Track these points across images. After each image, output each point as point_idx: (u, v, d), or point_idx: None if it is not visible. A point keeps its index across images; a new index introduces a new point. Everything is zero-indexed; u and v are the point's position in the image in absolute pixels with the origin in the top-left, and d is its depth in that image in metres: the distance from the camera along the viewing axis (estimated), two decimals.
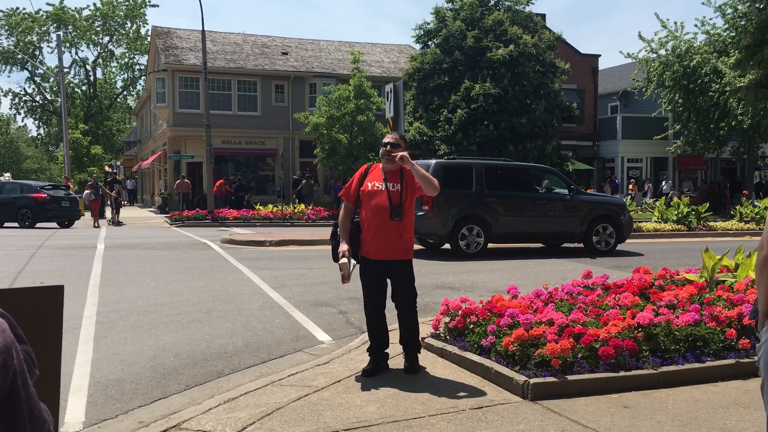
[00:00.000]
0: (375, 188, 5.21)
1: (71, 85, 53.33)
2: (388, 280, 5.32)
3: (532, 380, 4.62)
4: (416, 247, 12.58)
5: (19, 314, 1.33)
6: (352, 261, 5.23)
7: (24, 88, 56.54)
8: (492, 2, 29.97)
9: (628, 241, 18.02)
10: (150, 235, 18.95)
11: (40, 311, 1.53)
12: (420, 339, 5.50)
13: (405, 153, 5.12)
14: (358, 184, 5.33)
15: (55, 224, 23.69)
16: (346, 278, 5.15)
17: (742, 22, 24.71)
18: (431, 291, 9.29)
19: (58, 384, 1.54)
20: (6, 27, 50.32)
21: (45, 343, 1.42)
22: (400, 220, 5.13)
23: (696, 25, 29.30)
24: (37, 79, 53.83)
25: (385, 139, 5.29)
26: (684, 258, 12.91)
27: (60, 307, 1.60)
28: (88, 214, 26.37)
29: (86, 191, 24.90)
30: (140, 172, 45.85)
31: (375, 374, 5.21)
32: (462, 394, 4.73)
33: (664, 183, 33.95)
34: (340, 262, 5.15)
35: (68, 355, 6.01)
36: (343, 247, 5.20)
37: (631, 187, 32.31)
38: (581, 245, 14.79)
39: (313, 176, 31.89)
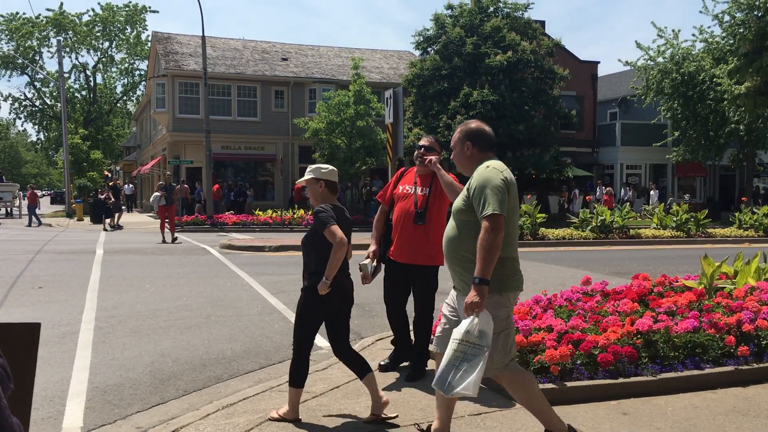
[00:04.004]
0: (405, 191, 5.26)
1: (71, 90, 53.37)
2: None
3: None
4: None
5: None
6: (374, 263, 5.23)
7: (24, 93, 56.70)
8: (491, 9, 30.03)
9: (627, 247, 18.07)
10: (149, 240, 18.93)
11: (15, 348, 1.53)
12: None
13: (435, 157, 5.01)
14: (393, 186, 5.42)
15: (53, 229, 23.61)
16: (365, 279, 5.15)
17: (741, 30, 24.78)
18: None
19: (28, 421, 1.54)
20: (6, 32, 50.38)
21: (17, 382, 1.42)
22: (423, 224, 5.10)
23: (694, 34, 29.42)
24: (37, 84, 53.89)
25: (420, 142, 5.27)
26: (683, 265, 12.92)
27: (35, 345, 1.60)
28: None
29: (155, 193, 19.58)
30: (140, 177, 45.82)
31: (389, 369, 5.35)
32: (460, 400, 4.72)
33: (687, 196, 34.04)
34: (361, 263, 5.16)
35: (67, 360, 6.01)
36: (371, 247, 5.27)
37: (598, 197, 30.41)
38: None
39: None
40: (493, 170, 3.55)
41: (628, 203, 29.13)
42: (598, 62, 38.05)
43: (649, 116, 33.81)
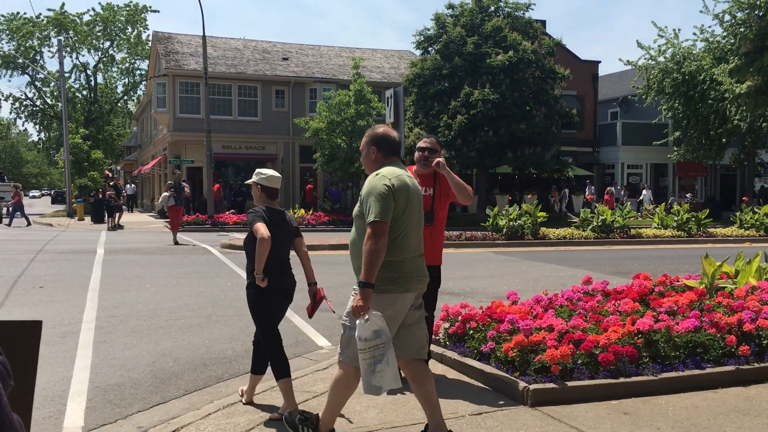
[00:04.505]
0: None
1: (72, 89, 53.37)
2: None
3: (532, 386, 4.62)
4: None
5: None
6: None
7: (25, 93, 56.64)
8: (492, 8, 30.01)
9: (628, 246, 18.08)
10: (149, 240, 18.94)
11: (16, 345, 1.54)
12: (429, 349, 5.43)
13: (442, 159, 5.02)
14: None
15: (54, 228, 23.62)
16: None
17: (741, 29, 24.78)
18: None
19: (29, 420, 1.55)
20: (7, 31, 50.38)
21: (18, 380, 1.43)
22: (431, 225, 5.04)
23: (695, 33, 29.45)
24: (38, 84, 53.89)
25: (422, 144, 5.19)
26: (684, 264, 12.91)
27: (36, 343, 1.61)
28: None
29: (164, 193, 18.28)
30: (140, 176, 45.85)
31: None
32: (461, 400, 4.72)
33: (689, 195, 34.16)
34: None
35: (68, 360, 6.02)
36: None
37: (589, 197, 31.61)
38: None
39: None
40: (380, 178, 3.68)
41: (628, 203, 29.14)
42: (599, 62, 38.07)
43: (650, 116, 33.79)
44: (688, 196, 34.08)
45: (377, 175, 3.73)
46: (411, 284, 3.76)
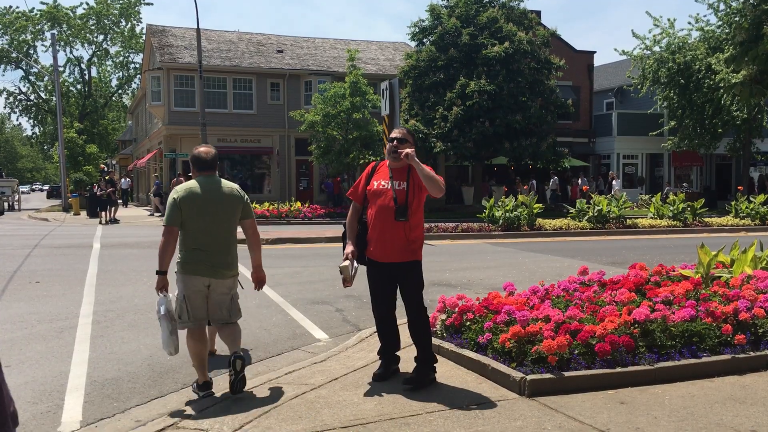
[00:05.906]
0: (381, 187, 4.91)
1: (66, 83, 53.18)
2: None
3: (529, 377, 4.63)
4: None
5: None
6: (355, 264, 4.91)
7: (19, 87, 56.56)
8: None
9: (624, 237, 18.12)
10: (146, 234, 18.91)
11: None
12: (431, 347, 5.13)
13: (410, 150, 4.78)
14: (365, 182, 5.06)
15: (50, 223, 23.57)
16: (346, 281, 4.86)
17: (736, 18, 24.78)
18: (428, 288, 9.22)
19: None
20: (0, 26, 50.13)
21: None
22: (405, 220, 4.83)
23: (689, 23, 29.45)
24: (32, 78, 53.71)
25: (392, 135, 4.97)
26: (680, 254, 12.94)
27: None
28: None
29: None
30: (136, 170, 45.73)
31: (386, 378, 5.00)
32: (458, 391, 4.74)
33: (685, 185, 34.13)
34: (341, 265, 4.85)
35: (65, 354, 6.02)
36: (348, 248, 4.93)
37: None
38: None
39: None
40: (173, 192, 4.83)
41: (624, 193, 29.10)
42: (594, 52, 37.99)
43: (645, 106, 33.76)
44: (684, 185, 34.13)
45: (175, 190, 4.81)
46: (199, 269, 4.78)
